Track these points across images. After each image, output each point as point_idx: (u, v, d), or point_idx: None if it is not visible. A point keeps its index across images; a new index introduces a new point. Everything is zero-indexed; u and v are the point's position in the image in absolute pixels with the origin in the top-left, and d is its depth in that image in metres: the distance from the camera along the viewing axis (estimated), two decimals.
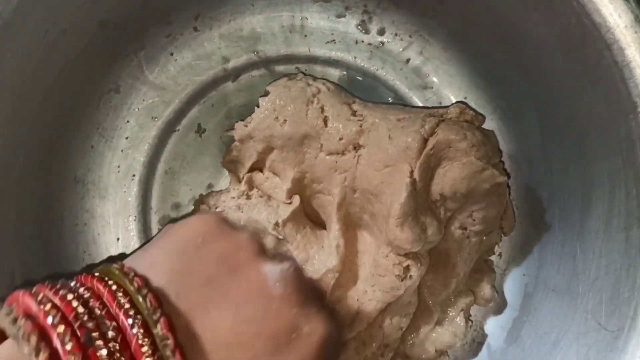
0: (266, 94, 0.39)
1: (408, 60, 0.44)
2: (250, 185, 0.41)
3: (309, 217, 0.41)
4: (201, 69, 0.43)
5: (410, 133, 0.36)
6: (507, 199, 0.40)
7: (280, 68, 0.44)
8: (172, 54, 0.43)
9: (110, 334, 0.25)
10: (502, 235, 0.42)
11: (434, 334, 0.41)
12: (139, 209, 0.43)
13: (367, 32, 0.44)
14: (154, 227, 0.43)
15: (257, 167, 0.41)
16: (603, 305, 0.35)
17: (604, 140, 0.35)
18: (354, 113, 0.38)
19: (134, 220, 0.43)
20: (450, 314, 0.41)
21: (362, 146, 0.38)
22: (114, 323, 0.26)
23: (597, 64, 0.33)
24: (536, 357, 0.39)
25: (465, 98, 0.43)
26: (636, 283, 0.34)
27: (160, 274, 0.28)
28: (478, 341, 0.43)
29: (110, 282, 0.27)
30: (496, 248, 0.43)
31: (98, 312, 0.26)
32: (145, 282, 0.28)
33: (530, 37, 0.36)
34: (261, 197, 0.41)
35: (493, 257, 0.43)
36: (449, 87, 0.44)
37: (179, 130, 0.44)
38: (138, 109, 0.43)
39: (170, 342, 0.26)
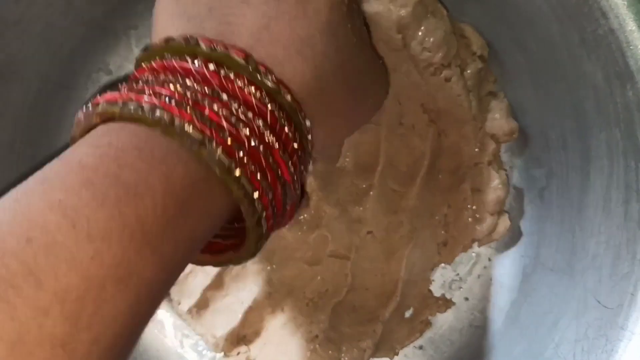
0: None
1: None
2: None
3: None
4: None
5: None
6: (446, 16, 0.38)
7: None
8: None
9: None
10: (482, 61, 0.39)
11: (475, 206, 0.40)
12: None
13: None
14: None
15: None
16: (602, 282, 0.34)
17: (602, 111, 0.34)
18: None
19: None
20: (481, 175, 0.40)
21: None
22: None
23: (593, 33, 0.32)
24: (535, 337, 0.38)
25: None
26: (636, 257, 0.33)
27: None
28: (475, 325, 0.42)
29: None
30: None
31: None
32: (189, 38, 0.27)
33: (525, 8, 0.35)
34: None
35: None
36: None
37: None
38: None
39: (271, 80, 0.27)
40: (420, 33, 0.36)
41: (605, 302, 0.34)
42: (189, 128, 0.24)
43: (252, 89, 0.26)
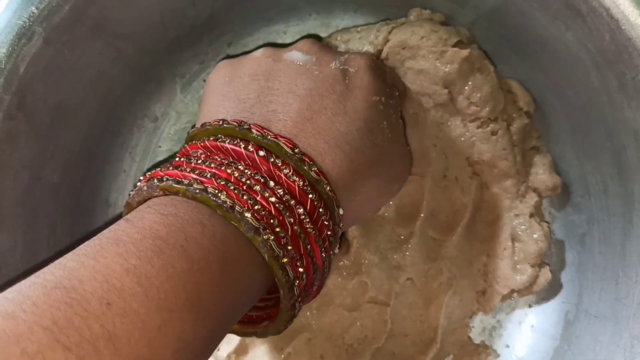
0: None
1: None
2: None
3: None
4: None
5: (364, 45, 0.38)
6: (493, 72, 0.38)
7: None
8: (204, 81, 0.43)
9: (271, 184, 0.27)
10: (527, 116, 0.40)
11: (516, 257, 0.40)
12: None
13: None
14: None
15: None
16: None
17: None
18: None
19: None
20: (522, 226, 0.40)
21: None
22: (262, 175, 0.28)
23: (633, 79, 0.33)
24: None
25: None
26: None
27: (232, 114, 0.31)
28: None
29: (234, 141, 0.29)
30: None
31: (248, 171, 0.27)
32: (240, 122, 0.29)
33: (563, 56, 0.36)
34: None
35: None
36: None
37: None
38: (170, 134, 0.43)
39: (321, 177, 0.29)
40: (467, 88, 0.37)
41: None
42: (247, 215, 0.25)
43: (296, 178, 0.28)
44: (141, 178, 0.29)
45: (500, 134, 0.38)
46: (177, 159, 0.29)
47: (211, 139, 0.29)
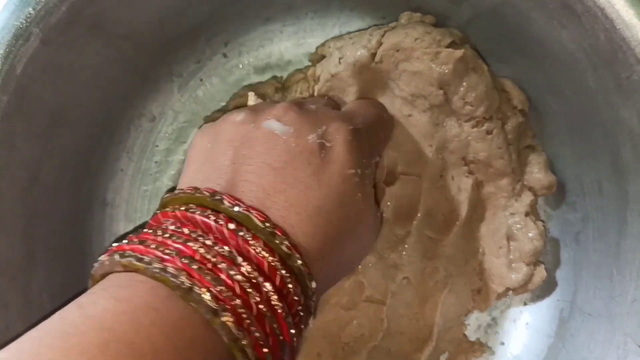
0: None
1: None
2: None
3: None
4: (229, 95, 0.44)
5: (358, 49, 0.38)
6: (487, 71, 0.39)
7: None
8: (201, 80, 0.43)
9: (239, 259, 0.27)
10: (522, 115, 0.40)
11: (511, 256, 0.40)
12: None
13: None
14: None
15: None
16: None
17: (638, 155, 0.34)
18: None
19: None
20: (518, 224, 0.40)
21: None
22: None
23: (628, 79, 0.33)
24: None
25: None
26: None
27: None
28: None
29: (206, 212, 0.28)
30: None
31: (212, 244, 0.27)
32: (212, 192, 0.29)
33: (560, 55, 0.36)
34: None
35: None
36: None
37: None
38: (167, 133, 0.43)
39: (298, 258, 0.28)
40: (462, 88, 0.37)
41: None
42: (206, 296, 0.25)
43: (266, 253, 0.27)
44: (109, 248, 0.28)
45: (495, 133, 0.38)
46: (146, 230, 0.29)
47: (182, 208, 0.29)
